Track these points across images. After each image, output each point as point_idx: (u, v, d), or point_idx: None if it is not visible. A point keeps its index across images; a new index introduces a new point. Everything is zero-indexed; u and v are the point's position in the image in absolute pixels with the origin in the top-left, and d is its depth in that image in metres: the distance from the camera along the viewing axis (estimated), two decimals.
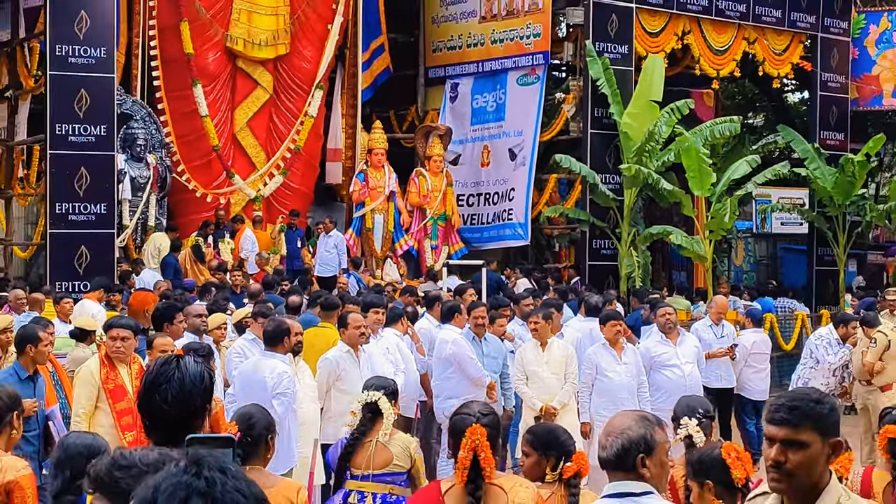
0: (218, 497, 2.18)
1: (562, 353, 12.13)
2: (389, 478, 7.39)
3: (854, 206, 26.63)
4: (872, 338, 14.17)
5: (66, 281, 18.35)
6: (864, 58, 29.14)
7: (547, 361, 12.13)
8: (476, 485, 5.75)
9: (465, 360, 12.37)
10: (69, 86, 19.14)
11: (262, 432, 6.20)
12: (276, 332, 10.08)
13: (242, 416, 6.33)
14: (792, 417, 3.87)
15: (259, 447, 6.20)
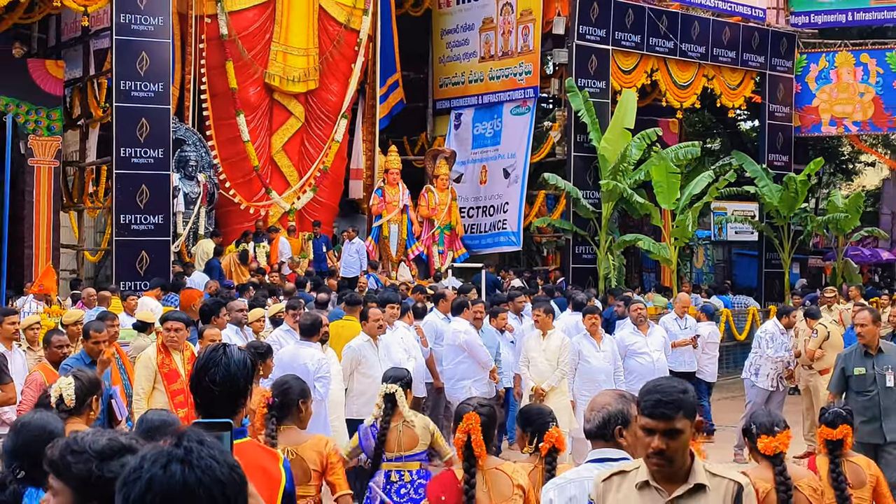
0: (194, 462, 2.22)
1: (557, 344, 12.08)
2: (418, 456, 7.39)
3: (797, 218, 26.63)
4: (815, 329, 14.17)
5: (129, 281, 18.33)
6: (806, 92, 29.12)
7: (545, 349, 12.09)
8: (470, 462, 5.75)
9: (475, 347, 12.42)
10: (132, 115, 19.15)
11: (295, 397, 6.18)
12: (312, 325, 10.10)
13: (278, 383, 6.34)
14: (670, 411, 3.88)
15: (292, 409, 6.16)
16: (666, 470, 3.92)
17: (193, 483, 2.21)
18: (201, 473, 2.23)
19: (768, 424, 5.98)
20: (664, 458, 3.88)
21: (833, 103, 29.13)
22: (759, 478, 5.89)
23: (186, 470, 2.23)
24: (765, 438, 5.91)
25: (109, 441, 2.76)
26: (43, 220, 20.61)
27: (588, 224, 23.72)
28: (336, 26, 23.44)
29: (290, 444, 5.92)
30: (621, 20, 24.68)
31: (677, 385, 3.99)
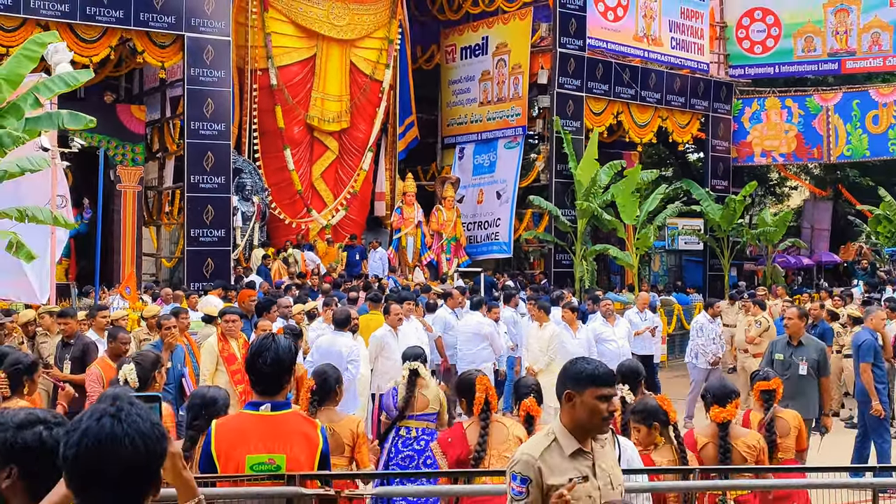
0: (122, 418, 2.31)
1: (549, 334, 12.14)
2: (425, 417, 7.40)
3: (734, 231, 26.60)
4: (758, 320, 14.15)
5: (197, 282, 18.34)
6: (741, 130, 29.09)
7: (539, 338, 12.15)
8: (486, 415, 5.98)
9: (496, 336, 12.54)
10: (199, 149, 19.17)
11: (332, 384, 6.19)
12: (344, 318, 10.11)
13: (318, 372, 6.33)
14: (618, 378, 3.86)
15: (330, 393, 6.18)
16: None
17: (120, 434, 2.30)
18: (127, 427, 2.31)
19: (720, 395, 5.99)
20: (613, 418, 3.83)
21: (763, 139, 29.09)
22: (701, 433, 5.97)
23: (115, 423, 2.31)
24: (716, 408, 5.95)
25: (27, 415, 2.77)
26: (128, 234, 20.62)
27: (566, 236, 23.70)
28: (363, 77, 23.45)
29: (328, 420, 5.90)
30: (593, 72, 24.67)
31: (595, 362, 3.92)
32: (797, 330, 9.36)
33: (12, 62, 10.75)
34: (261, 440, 4.13)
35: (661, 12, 26.67)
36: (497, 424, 5.96)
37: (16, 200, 12.62)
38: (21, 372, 6.27)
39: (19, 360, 6.34)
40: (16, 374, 6.27)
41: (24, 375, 6.28)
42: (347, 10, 22.76)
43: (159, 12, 18.57)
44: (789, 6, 29.56)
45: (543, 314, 12.46)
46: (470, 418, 6.09)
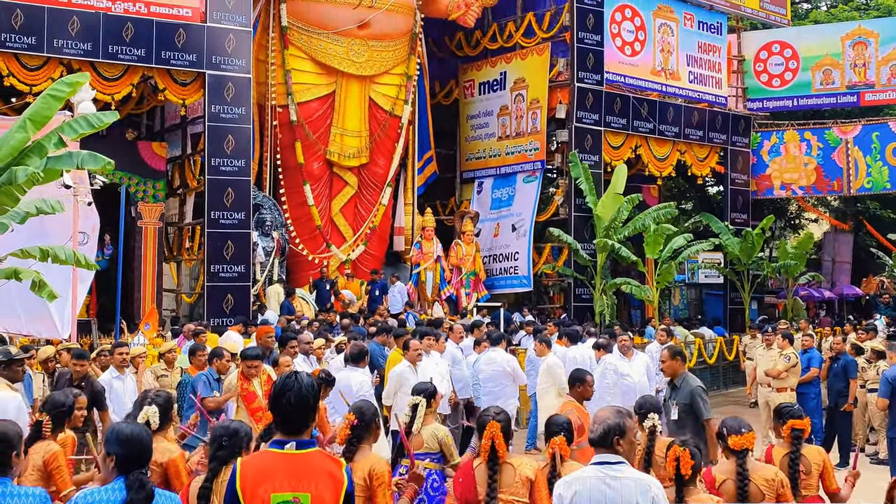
0: None
1: (545, 367, 12.49)
2: (424, 456, 7.24)
3: (755, 265, 26.53)
4: (786, 355, 14.00)
5: (217, 318, 18.35)
6: (760, 163, 29.08)
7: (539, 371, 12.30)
8: (494, 461, 5.94)
9: (519, 371, 12.58)
10: (220, 185, 19.26)
11: (371, 419, 6.08)
12: (359, 353, 10.09)
13: (356, 408, 6.19)
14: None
15: (370, 429, 6.04)
16: None
17: None
18: None
19: (736, 427, 6.01)
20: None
21: (782, 172, 29.06)
22: (720, 470, 5.98)
23: None
24: (734, 437, 5.95)
25: None
26: (149, 270, 20.73)
27: (586, 270, 23.65)
28: (382, 113, 23.56)
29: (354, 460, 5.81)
30: (611, 107, 24.72)
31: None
32: (672, 371, 9.02)
33: (40, 103, 10.87)
34: (286, 479, 4.12)
35: (679, 46, 26.74)
36: (505, 466, 5.93)
37: (40, 237, 12.74)
38: (64, 414, 6.54)
39: (62, 403, 6.55)
40: (59, 417, 6.51)
41: (65, 417, 6.55)
42: (366, 46, 22.91)
43: (181, 50, 18.75)
44: (807, 39, 29.63)
45: (545, 347, 12.73)
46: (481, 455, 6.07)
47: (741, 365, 21.02)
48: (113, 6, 18.13)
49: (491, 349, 12.98)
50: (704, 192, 35.25)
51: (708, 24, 27.66)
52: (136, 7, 18.37)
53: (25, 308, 14.22)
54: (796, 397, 13.93)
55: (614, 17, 25.17)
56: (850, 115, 30.42)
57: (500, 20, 26.56)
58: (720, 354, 23.23)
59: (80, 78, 11.34)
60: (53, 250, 11.41)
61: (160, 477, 6.03)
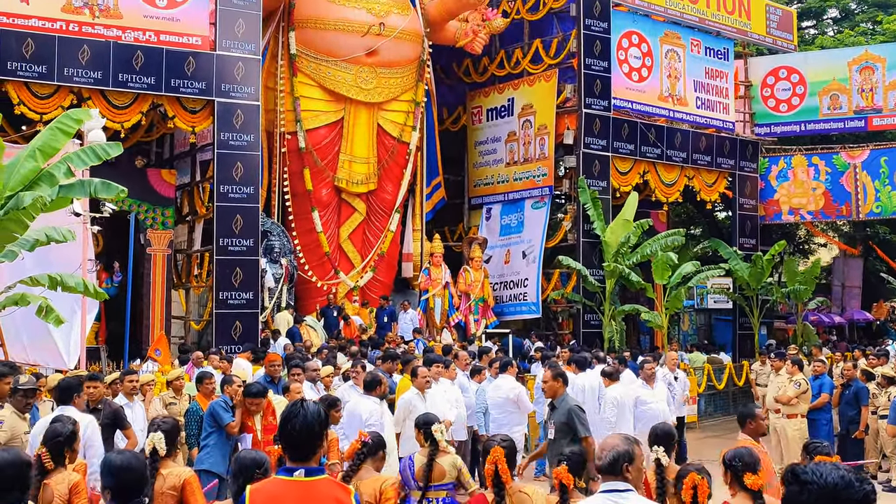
0: None
1: None
2: (443, 487, 7.23)
3: (764, 290, 26.48)
4: (797, 381, 13.92)
5: (226, 345, 18.32)
6: (768, 188, 29.05)
7: None
8: (499, 487, 5.90)
9: (524, 398, 12.45)
10: (229, 212, 19.30)
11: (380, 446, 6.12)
12: (371, 382, 10.06)
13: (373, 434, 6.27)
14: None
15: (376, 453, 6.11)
16: None
17: None
18: None
19: (752, 464, 5.83)
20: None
21: (791, 196, 29.03)
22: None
23: None
24: (751, 476, 5.76)
25: None
26: (158, 297, 20.76)
27: (595, 296, 23.60)
28: (391, 140, 23.63)
29: (357, 478, 5.86)
30: (618, 132, 24.76)
31: None
32: (552, 392, 8.98)
33: (47, 134, 10.97)
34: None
35: (686, 72, 26.80)
36: (520, 496, 5.88)
37: (46, 264, 12.77)
38: (61, 444, 6.41)
39: (59, 433, 6.45)
40: (56, 447, 6.39)
41: (64, 447, 6.42)
42: (375, 74, 23.01)
43: (190, 78, 18.85)
44: (814, 65, 29.68)
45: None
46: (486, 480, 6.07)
47: (754, 390, 20.90)
48: (123, 35, 18.26)
49: (500, 376, 12.93)
50: (713, 217, 35.23)
51: (715, 50, 27.73)
52: (146, 36, 18.49)
53: (30, 337, 14.26)
54: (808, 424, 13.86)
55: (621, 44, 25.25)
56: (857, 139, 30.42)
57: (507, 47, 26.68)
58: (730, 380, 23.14)
59: (84, 114, 11.47)
60: (62, 278, 11.43)
61: (176, 501, 6.05)
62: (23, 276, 11.72)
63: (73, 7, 17.89)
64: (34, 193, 10.24)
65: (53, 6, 17.72)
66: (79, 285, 11.57)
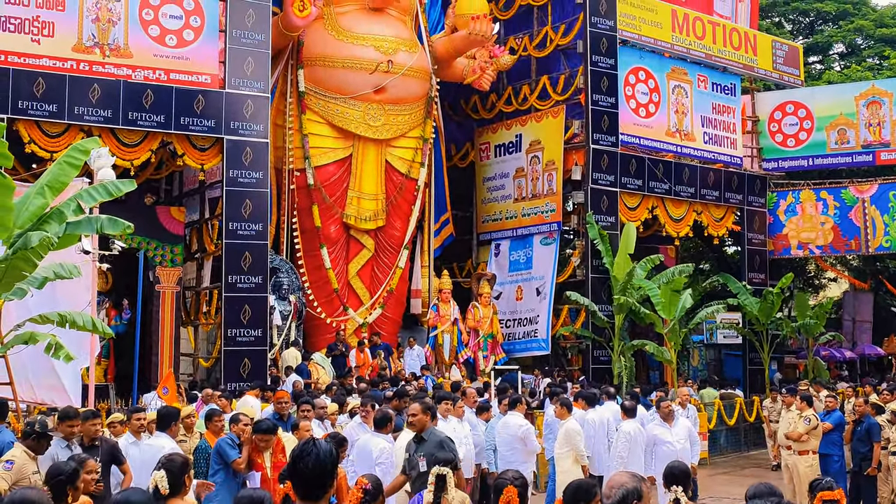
0: None
1: (564, 431, 12.30)
2: None
3: (773, 324, 26.36)
4: (806, 417, 13.82)
5: (235, 383, 18.29)
6: (777, 222, 29.02)
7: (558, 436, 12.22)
8: None
9: (531, 437, 12.36)
10: (237, 250, 19.34)
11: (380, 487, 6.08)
12: (382, 419, 10.02)
13: (371, 477, 6.19)
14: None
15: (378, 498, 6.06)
16: None
17: None
18: None
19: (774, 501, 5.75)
20: None
21: (799, 231, 28.98)
22: None
23: None
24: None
25: None
26: (167, 334, 20.73)
27: (604, 332, 23.55)
28: (399, 176, 23.69)
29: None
30: (626, 168, 24.79)
31: None
32: (421, 425, 8.91)
33: (55, 169, 11.02)
34: None
35: (693, 108, 26.87)
36: None
37: (53, 302, 12.78)
38: (63, 483, 6.36)
39: (61, 471, 6.40)
40: (58, 486, 6.35)
41: (67, 485, 6.37)
42: (383, 111, 23.12)
43: (199, 116, 18.96)
44: (821, 99, 29.75)
45: (566, 410, 12.46)
46: None
47: (766, 427, 20.76)
48: (133, 74, 18.40)
49: (508, 413, 12.85)
50: (722, 252, 35.17)
51: (722, 86, 27.82)
52: (156, 74, 18.63)
53: (37, 376, 14.25)
54: (819, 460, 13.74)
55: (628, 80, 25.35)
56: (866, 174, 30.40)
57: (514, 83, 26.80)
58: (741, 415, 23.00)
59: (92, 143, 11.50)
60: (72, 316, 11.44)
61: None
62: (29, 313, 11.73)
63: (84, 47, 18.05)
64: (42, 233, 10.25)
65: (65, 46, 17.88)
66: (87, 323, 11.57)
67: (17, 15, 17.54)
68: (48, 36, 17.78)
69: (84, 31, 18.07)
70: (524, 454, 12.40)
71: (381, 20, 23.42)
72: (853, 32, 38.42)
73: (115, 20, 18.37)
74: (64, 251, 11.70)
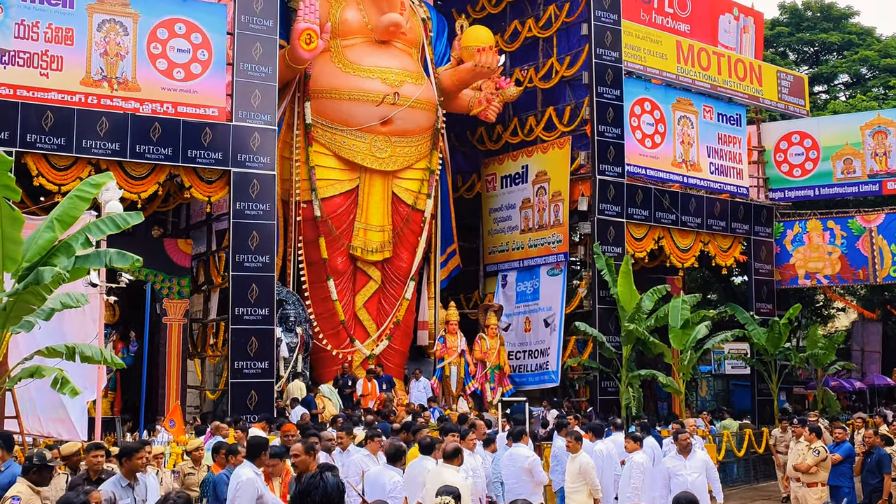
0: None
1: (577, 464, 12.13)
2: None
3: (782, 355, 26.26)
4: (815, 448, 13.76)
5: (241, 415, 18.26)
6: (784, 252, 28.99)
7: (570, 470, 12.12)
8: None
9: (538, 468, 12.30)
10: (244, 282, 19.35)
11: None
12: (395, 453, 10.03)
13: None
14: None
15: None
16: None
17: None
18: None
19: None
20: None
21: (807, 261, 28.95)
22: None
23: None
24: None
25: None
26: (173, 366, 20.73)
27: (611, 363, 23.48)
28: (405, 208, 23.75)
29: None
30: (633, 199, 24.81)
31: None
32: (304, 466, 8.89)
33: (67, 203, 11.07)
34: None
35: (699, 138, 26.93)
36: None
37: (60, 334, 12.80)
38: None
39: (70, 501, 6.39)
40: None
41: None
42: (389, 142, 23.22)
43: (206, 149, 19.05)
44: (826, 129, 29.80)
45: (578, 444, 12.41)
46: None
47: (775, 458, 20.64)
48: (141, 107, 18.52)
49: (514, 445, 12.80)
50: (729, 282, 35.12)
51: (727, 116, 27.89)
52: (164, 107, 18.74)
53: (44, 408, 14.24)
54: (829, 492, 13.66)
55: (634, 111, 25.42)
56: (873, 203, 30.39)
57: (520, 115, 26.91)
58: (749, 446, 22.87)
59: (104, 178, 11.56)
60: (80, 348, 11.45)
61: None
62: (37, 345, 11.74)
63: (92, 80, 18.18)
64: (53, 269, 10.28)
65: (73, 79, 18.01)
66: (96, 354, 11.58)
67: (26, 49, 17.69)
68: (57, 70, 17.92)
69: (92, 64, 18.22)
70: (532, 486, 12.33)
71: (388, 52, 23.58)
72: (858, 63, 38.54)
73: (124, 54, 18.51)
74: (71, 284, 11.72)
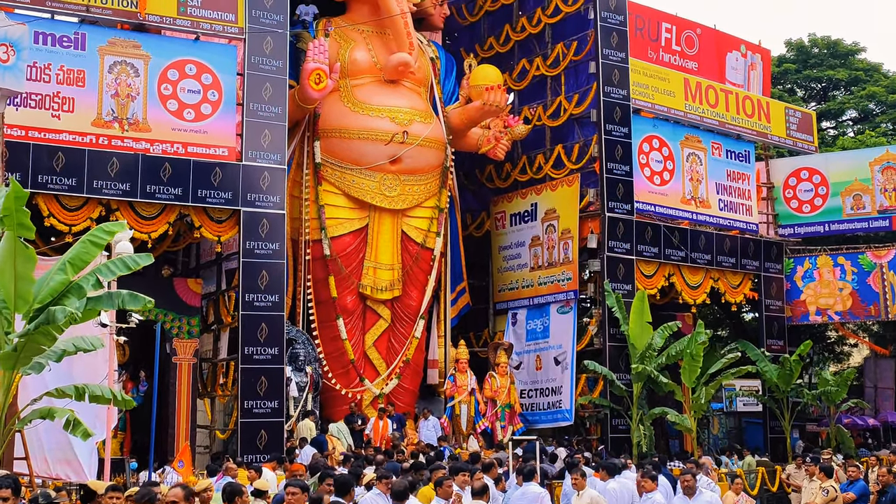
0: None
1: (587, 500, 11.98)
2: None
3: (794, 392, 26.12)
4: (825, 488, 13.65)
5: (251, 454, 18.19)
6: (794, 289, 28.91)
7: None
8: None
9: (547, 502, 12.27)
10: (254, 321, 19.35)
11: None
12: (402, 491, 9.97)
13: None
14: None
15: None
16: None
17: None
18: None
19: None
20: None
21: (818, 297, 28.86)
22: None
23: None
24: None
25: None
26: (183, 406, 20.67)
27: (622, 400, 23.35)
28: (415, 246, 23.77)
29: None
30: (642, 236, 24.78)
31: None
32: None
33: (79, 247, 11.13)
34: None
35: (708, 175, 26.94)
36: None
37: (69, 376, 12.78)
38: None
39: None
40: None
41: None
42: (398, 181, 23.28)
43: (216, 188, 19.13)
44: (835, 165, 29.79)
45: (583, 480, 12.39)
46: None
47: (791, 496, 20.46)
48: (151, 147, 18.63)
49: (524, 484, 12.72)
50: (740, 319, 34.97)
51: (736, 153, 27.92)
52: (174, 148, 18.86)
53: (52, 450, 14.19)
54: None
55: (642, 148, 25.47)
56: (883, 239, 30.31)
57: (529, 152, 26.96)
58: (762, 485, 22.66)
59: (117, 226, 11.66)
60: (90, 388, 11.43)
61: None
62: (46, 387, 11.72)
63: (103, 121, 18.33)
64: (65, 309, 10.29)
65: (84, 121, 18.15)
66: (107, 394, 11.56)
67: (38, 91, 17.85)
68: (68, 111, 18.07)
69: (103, 106, 18.36)
70: None
71: (397, 92, 23.71)
72: (866, 98, 38.59)
73: (134, 95, 18.66)
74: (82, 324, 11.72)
